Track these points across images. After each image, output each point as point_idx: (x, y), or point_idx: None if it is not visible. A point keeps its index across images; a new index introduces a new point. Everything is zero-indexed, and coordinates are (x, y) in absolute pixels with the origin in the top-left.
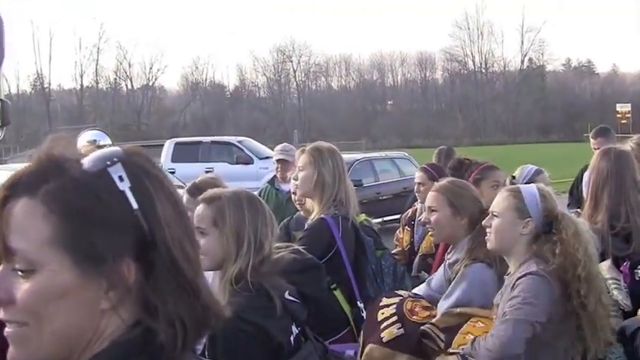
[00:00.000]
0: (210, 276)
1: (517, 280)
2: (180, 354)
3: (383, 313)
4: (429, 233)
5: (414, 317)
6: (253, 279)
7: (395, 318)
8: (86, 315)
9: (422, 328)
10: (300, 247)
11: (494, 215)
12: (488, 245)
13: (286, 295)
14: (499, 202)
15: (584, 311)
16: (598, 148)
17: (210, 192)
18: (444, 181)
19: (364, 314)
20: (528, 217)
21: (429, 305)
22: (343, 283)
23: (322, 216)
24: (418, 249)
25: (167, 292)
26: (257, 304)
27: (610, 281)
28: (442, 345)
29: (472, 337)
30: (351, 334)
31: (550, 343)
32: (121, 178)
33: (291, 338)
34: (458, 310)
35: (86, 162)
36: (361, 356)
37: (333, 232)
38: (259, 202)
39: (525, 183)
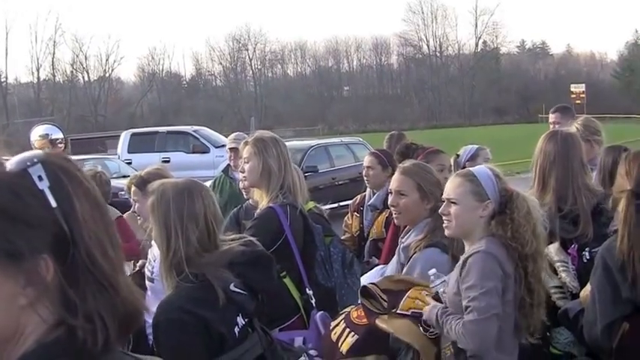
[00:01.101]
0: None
1: (468, 257)
2: (104, 351)
3: (335, 333)
4: (394, 216)
5: (364, 321)
6: (195, 270)
7: (347, 330)
8: (3, 311)
9: (363, 285)
10: (252, 239)
11: (452, 202)
12: (448, 232)
13: (232, 287)
14: (454, 188)
15: (529, 290)
16: (554, 123)
17: (153, 184)
18: (410, 164)
19: (313, 301)
20: (487, 200)
21: None
22: (292, 271)
23: (270, 205)
24: (368, 234)
25: (86, 289)
26: (198, 295)
27: (558, 263)
28: (385, 304)
29: (421, 303)
30: (300, 320)
31: (506, 324)
32: (40, 178)
33: (236, 330)
34: (399, 276)
35: (9, 164)
36: None
37: (282, 220)
38: (198, 194)
39: (468, 160)
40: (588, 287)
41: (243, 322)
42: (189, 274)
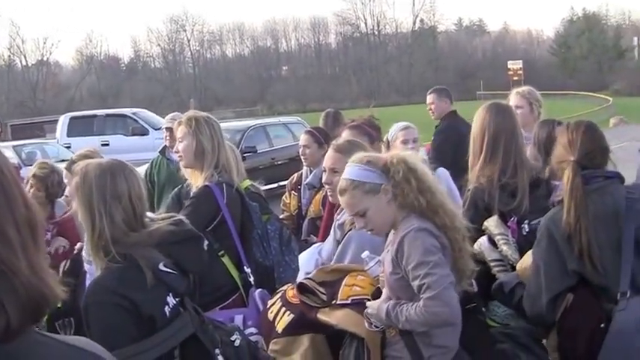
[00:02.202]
0: None
1: (402, 237)
2: (8, 336)
3: (272, 311)
4: (329, 194)
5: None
6: (123, 250)
7: (283, 309)
8: None
9: (299, 282)
10: (182, 217)
11: (361, 214)
12: (375, 233)
13: (161, 267)
14: (353, 203)
15: (453, 247)
16: (431, 104)
17: (77, 165)
18: (342, 141)
19: (252, 279)
20: (380, 185)
21: None
22: (230, 250)
23: (206, 184)
24: (306, 213)
25: None
26: (127, 276)
27: (498, 236)
28: (324, 297)
29: (358, 288)
30: (240, 298)
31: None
32: None
33: (167, 309)
34: (333, 266)
35: None
36: None
37: (218, 199)
38: (121, 174)
39: (392, 139)
40: (525, 260)
41: (175, 302)
42: (117, 254)
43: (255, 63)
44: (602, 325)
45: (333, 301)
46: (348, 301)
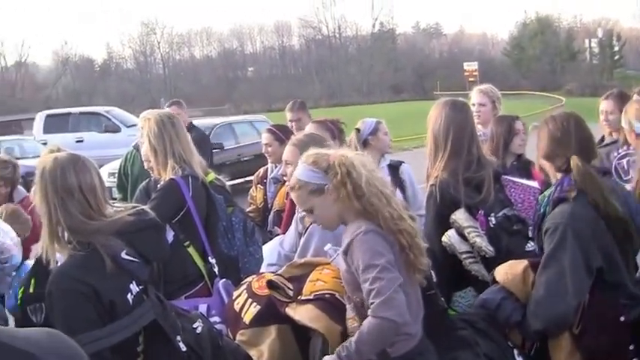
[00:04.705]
0: None
1: (351, 240)
2: None
3: (238, 303)
4: (287, 185)
5: (266, 291)
6: (83, 239)
7: (249, 300)
8: None
9: (268, 279)
10: (145, 208)
11: (308, 211)
12: (325, 229)
13: (123, 255)
14: (299, 202)
15: (402, 247)
16: (294, 120)
17: (39, 160)
18: (300, 135)
19: (216, 269)
20: (323, 187)
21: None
22: (195, 241)
23: (172, 177)
24: (272, 205)
25: None
26: (88, 263)
27: (469, 229)
28: (291, 293)
29: (321, 283)
30: (205, 288)
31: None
32: None
33: (129, 297)
34: (301, 260)
35: None
36: None
37: (184, 192)
38: (71, 169)
39: (370, 134)
40: (513, 268)
41: (138, 290)
42: (78, 243)
43: (222, 64)
44: (622, 319)
45: (299, 297)
46: (311, 297)
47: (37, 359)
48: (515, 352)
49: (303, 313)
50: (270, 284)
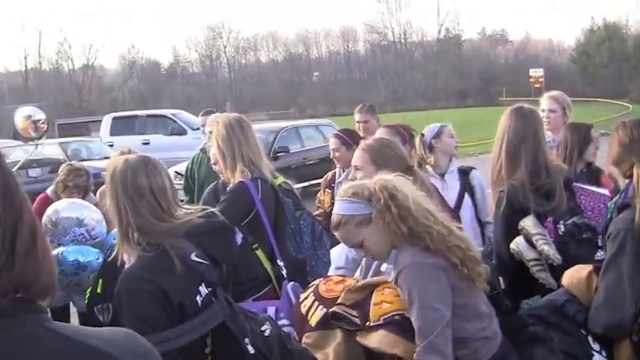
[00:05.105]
0: None
1: (398, 273)
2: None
3: (305, 305)
4: None
5: (332, 294)
6: (153, 240)
7: (316, 303)
8: None
9: (331, 310)
10: (214, 210)
11: (360, 245)
12: (377, 260)
13: (192, 257)
14: (349, 239)
15: (454, 265)
16: (361, 122)
17: (108, 162)
18: (370, 140)
19: (284, 272)
20: (370, 216)
21: (341, 279)
22: (264, 243)
23: (242, 180)
24: None
25: None
26: (156, 264)
27: (537, 236)
28: (358, 321)
29: (387, 305)
30: (273, 291)
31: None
32: None
33: (198, 299)
34: (359, 284)
35: None
36: None
37: (253, 194)
38: (142, 170)
39: (433, 137)
40: (578, 272)
41: (207, 291)
42: (148, 244)
43: (287, 69)
44: None
45: (367, 323)
46: (381, 322)
47: (114, 358)
48: (590, 338)
49: (377, 340)
50: (334, 316)
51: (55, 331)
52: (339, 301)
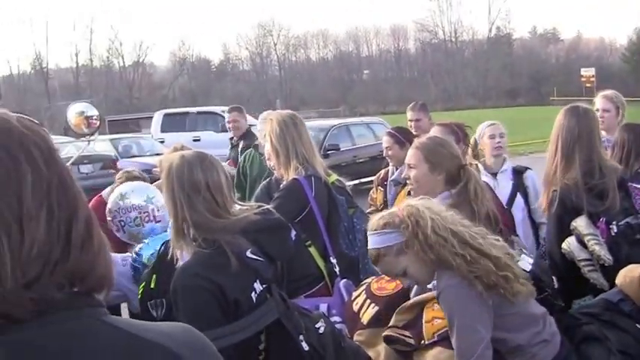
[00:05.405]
0: None
1: (437, 297)
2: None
3: (357, 303)
4: (409, 189)
5: (384, 292)
6: (209, 236)
7: (368, 301)
8: None
9: (384, 334)
10: (270, 207)
11: (403, 276)
12: (422, 285)
13: (248, 254)
14: (391, 270)
15: (489, 285)
16: (413, 120)
17: (164, 158)
18: (424, 139)
19: (337, 269)
20: (406, 243)
21: None
22: (317, 240)
23: (296, 177)
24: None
25: None
26: (212, 260)
27: (589, 237)
28: (412, 341)
29: (439, 320)
30: (325, 288)
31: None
32: None
33: (253, 295)
34: (407, 304)
35: None
36: None
37: (307, 191)
38: (198, 166)
39: (480, 137)
40: (632, 271)
41: (261, 288)
42: (204, 240)
43: (337, 66)
44: None
45: (422, 342)
46: (436, 338)
47: (172, 352)
48: None
49: (434, 357)
50: (388, 340)
51: (113, 325)
52: (390, 323)
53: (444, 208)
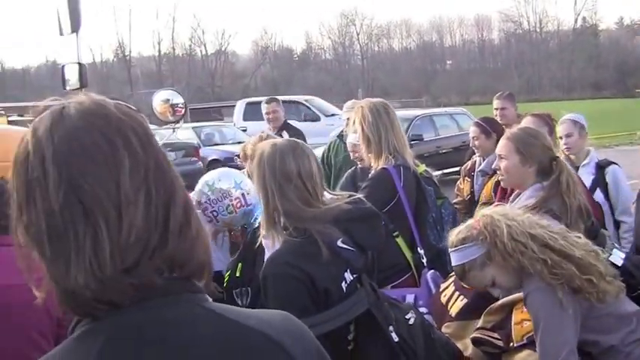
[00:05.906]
0: None
1: (524, 300)
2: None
3: (445, 295)
4: (497, 179)
5: None
6: (300, 225)
7: (457, 293)
8: None
9: (472, 337)
10: (361, 197)
11: (492, 286)
12: (514, 289)
13: (339, 243)
14: (479, 282)
15: (575, 289)
16: (499, 108)
17: (256, 146)
18: (515, 129)
19: (424, 260)
20: (488, 253)
21: None
22: (405, 231)
23: (384, 166)
24: (478, 198)
25: None
26: (303, 249)
27: None
28: (501, 344)
29: (528, 322)
30: (412, 279)
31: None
32: None
33: (344, 285)
34: (495, 305)
35: None
36: None
37: (395, 181)
38: (289, 154)
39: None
40: None
41: (352, 278)
42: (295, 229)
43: (420, 56)
44: None
45: (511, 344)
46: (525, 341)
47: (273, 340)
48: None
49: None
50: (476, 342)
51: (214, 311)
52: (478, 325)
53: (520, 212)
